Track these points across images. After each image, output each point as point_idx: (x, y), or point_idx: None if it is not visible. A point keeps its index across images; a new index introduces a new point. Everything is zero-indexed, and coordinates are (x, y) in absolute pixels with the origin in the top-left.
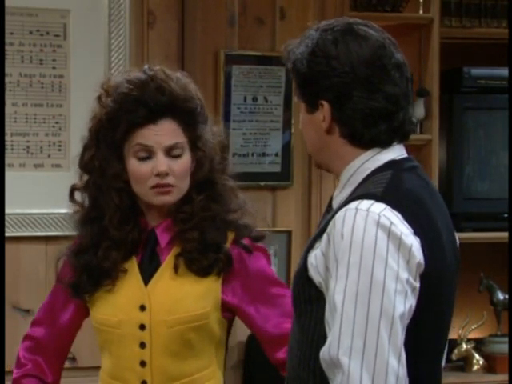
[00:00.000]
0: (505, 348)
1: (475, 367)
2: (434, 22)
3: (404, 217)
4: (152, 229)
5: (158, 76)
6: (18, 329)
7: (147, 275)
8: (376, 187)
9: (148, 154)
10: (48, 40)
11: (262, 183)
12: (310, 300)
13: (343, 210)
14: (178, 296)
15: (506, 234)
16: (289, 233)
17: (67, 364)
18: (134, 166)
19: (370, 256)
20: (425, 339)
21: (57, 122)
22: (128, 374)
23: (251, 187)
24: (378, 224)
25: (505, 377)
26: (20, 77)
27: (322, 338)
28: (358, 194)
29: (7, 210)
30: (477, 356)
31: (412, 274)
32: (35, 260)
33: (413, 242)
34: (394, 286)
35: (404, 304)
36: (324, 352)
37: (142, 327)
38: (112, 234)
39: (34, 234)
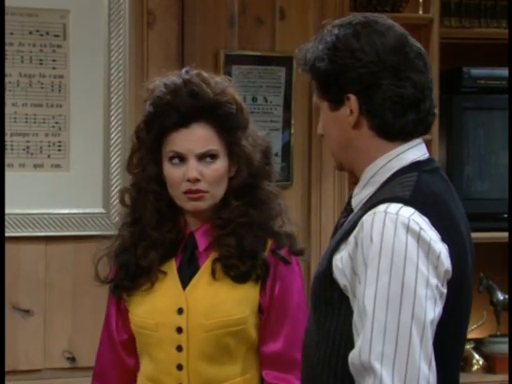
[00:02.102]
0: (504, 348)
1: (475, 367)
2: (433, 22)
3: (432, 222)
4: (191, 232)
5: (193, 80)
6: (17, 329)
7: (186, 279)
8: (403, 190)
9: (180, 159)
10: (48, 40)
11: None
12: (332, 301)
13: (371, 212)
14: (216, 300)
15: (505, 234)
16: None
17: (67, 364)
18: (168, 170)
19: (401, 261)
20: (447, 345)
21: (56, 122)
22: (165, 377)
23: None
24: (408, 228)
25: (504, 377)
26: (20, 77)
27: (345, 339)
28: (385, 197)
29: (7, 210)
30: (476, 356)
31: (440, 280)
32: (35, 260)
33: (441, 249)
34: (425, 292)
35: (434, 310)
36: (354, 356)
37: (179, 330)
38: (150, 233)
39: (34, 234)
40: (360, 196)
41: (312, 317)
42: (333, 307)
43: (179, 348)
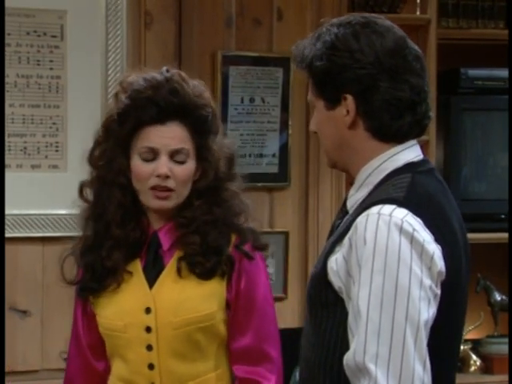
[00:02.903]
0: (502, 349)
1: (472, 368)
2: (431, 23)
3: (425, 223)
4: (155, 231)
5: (174, 78)
6: (15, 330)
7: (151, 278)
8: (397, 191)
9: (153, 155)
10: (45, 41)
11: (260, 184)
12: (327, 304)
13: (365, 214)
14: (183, 298)
15: (503, 235)
16: (286, 234)
17: (64, 365)
18: (137, 164)
19: (395, 262)
20: (443, 345)
21: (54, 123)
22: (137, 377)
23: (248, 188)
24: (401, 230)
25: (502, 377)
26: (17, 78)
27: (340, 341)
28: (378, 198)
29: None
30: (474, 357)
31: (434, 281)
32: (32, 261)
33: (435, 249)
34: (419, 293)
35: (428, 311)
36: (349, 358)
37: (148, 330)
38: (114, 232)
39: (31, 234)
40: (355, 197)
41: (308, 319)
42: (328, 309)
43: (149, 347)
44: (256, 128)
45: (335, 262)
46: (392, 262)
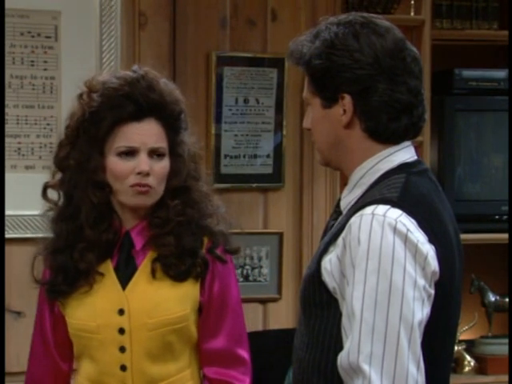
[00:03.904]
0: (496, 349)
1: (466, 368)
2: (425, 24)
3: (419, 224)
4: (127, 232)
5: (149, 75)
6: (8, 331)
7: (124, 279)
8: (391, 192)
9: (131, 152)
10: (39, 41)
11: (254, 185)
12: (321, 304)
13: (358, 214)
14: (157, 299)
15: (497, 236)
16: (280, 234)
17: None
18: (115, 163)
19: (389, 262)
20: (437, 345)
21: (48, 124)
22: (108, 378)
23: (243, 189)
24: (395, 230)
25: (496, 378)
26: (11, 78)
27: (334, 342)
28: (372, 199)
29: None
30: (468, 357)
31: (427, 281)
32: (26, 262)
33: (428, 250)
34: (413, 293)
35: (422, 311)
36: (342, 358)
37: (121, 331)
38: (87, 233)
39: (25, 235)
40: (348, 198)
41: (301, 319)
42: (322, 309)
43: (122, 349)
44: (250, 129)
45: (329, 263)
46: (386, 262)
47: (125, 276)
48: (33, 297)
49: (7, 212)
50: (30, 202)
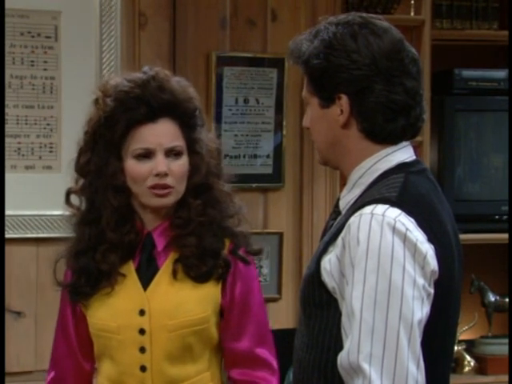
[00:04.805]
0: (496, 349)
1: (466, 368)
2: (425, 24)
3: (418, 223)
4: (148, 232)
5: (160, 75)
6: (8, 331)
7: (145, 279)
8: (389, 191)
9: (148, 154)
10: (39, 41)
11: (254, 185)
12: (321, 304)
13: (357, 214)
14: (178, 300)
15: (497, 236)
16: (280, 234)
17: None
18: (133, 166)
19: (388, 261)
20: (436, 345)
21: (48, 124)
22: (128, 378)
23: (243, 189)
24: (394, 229)
25: (496, 378)
26: (11, 78)
27: (334, 341)
28: (371, 198)
29: None
30: (468, 357)
31: (427, 280)
32: (26, 262)
33: (428, 249)
34: (412, 292)
35: (421, 310)
36: (342, 357)
37: (142, 332)
38: (109, 236)
39: (25, 235)
40: (347, 198)
41: (301, 319)
42: (322, 309)
43: (142, 349)
44: (250, 129)
45: (328, 263)
46: (385, 261)
47: (146, 277)
48: (32, 297)
49: (7, 212)
50: (29, 202)
